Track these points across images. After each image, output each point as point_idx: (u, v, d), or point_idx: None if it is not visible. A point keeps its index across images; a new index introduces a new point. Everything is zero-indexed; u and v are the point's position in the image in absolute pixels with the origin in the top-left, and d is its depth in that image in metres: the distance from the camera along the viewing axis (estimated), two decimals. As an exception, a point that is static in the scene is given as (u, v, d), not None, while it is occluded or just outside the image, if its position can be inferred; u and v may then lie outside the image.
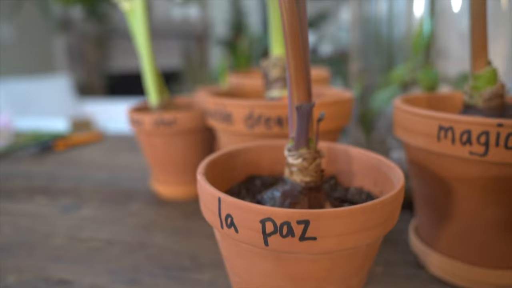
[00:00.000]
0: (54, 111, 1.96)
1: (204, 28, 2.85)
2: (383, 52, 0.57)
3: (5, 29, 2.15)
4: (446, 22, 0.49)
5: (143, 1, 0.43)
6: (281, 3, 0.20)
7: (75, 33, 2.43)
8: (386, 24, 0.54)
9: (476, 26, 0.26)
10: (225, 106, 0.32)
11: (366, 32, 0.57)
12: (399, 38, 0.54)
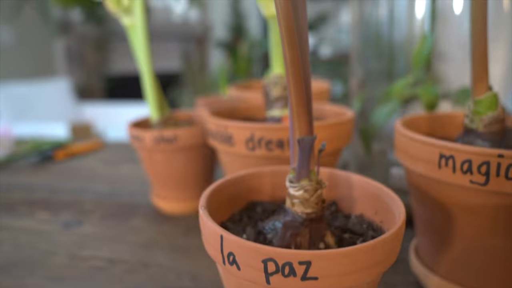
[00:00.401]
0: (53, 114, 1.96)
1: (204, 31, 2.85)
2: (384, 54, 0.57)
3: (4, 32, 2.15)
4: (447, 24, 0.49)
5: (144, 17, 0.43)
6: (284, 46, 0.20)
7: (74, 35, 2.43)
8: (387, 26, 0.54)
9: (477, 52, 0.27)
10: (226, 127, 0.32)
11: (366, 35, 0.57)
12: (400, 40, 0.54)
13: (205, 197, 0.22)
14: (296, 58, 0.20)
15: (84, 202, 0.50)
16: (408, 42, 0.55)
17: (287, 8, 0.20)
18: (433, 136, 0.35)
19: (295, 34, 0.20)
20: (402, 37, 0.54)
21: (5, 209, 0.48)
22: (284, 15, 0.20)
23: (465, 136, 0.29)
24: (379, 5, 0.54)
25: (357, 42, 0.58)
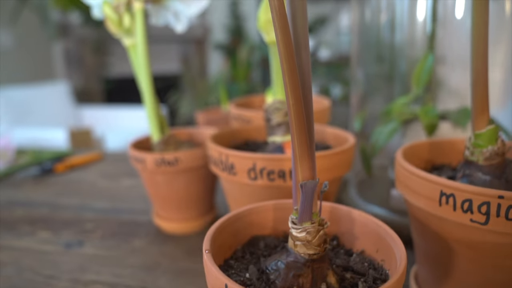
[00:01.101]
0: (53, 118, 1.96)
1: (203, 33, 2.85)
2: (384, 58, 0.57)
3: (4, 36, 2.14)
4: (448, 27, 0.49)
5: (144, 37, 0.43)
6: (287, 92, 0.20)
7: (73, 38, 2.42)
8: (388, 29, 0.54)
9: (477, 87, 0.27)
10: (227, 156, 0.32)
11: (367, 38, 0.57)
12: (402, 43, 0.55)
13: (208, 239, 0.23)
14: (299, 104, 0.20)
15: (84, 220, 0.50)
16: (410, 45, 0.55)
17: (289, 56, 0.20)
18: (434, 163, 0.35)
19: (298, 84, 0.20)
20: (403, 41, 0.55)
21: (6, 227, 0.48)
22: (287, 68, 0.20)
23: (465, 168, 0.29)
24: (380, 9, 0.54)
25: (357, 46, 0.58)
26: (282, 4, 0.20)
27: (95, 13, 0.46)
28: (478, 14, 0.25)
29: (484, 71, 0.26)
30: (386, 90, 0.60)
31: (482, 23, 0.25)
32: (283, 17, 0.19)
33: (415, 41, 0.54)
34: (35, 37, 2.29)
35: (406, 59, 0.56)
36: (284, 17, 0.19)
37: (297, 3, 0.20)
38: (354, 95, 0.58)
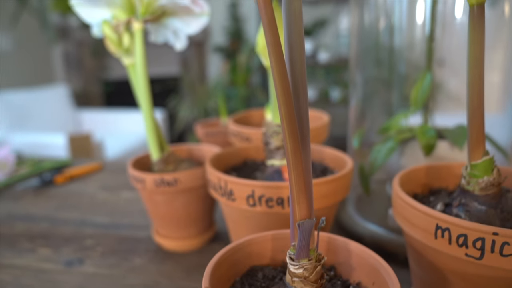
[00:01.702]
0: (52, 121, 1.96)
1: (202, 35, 2.84)
2: (383, 61, 0.57)
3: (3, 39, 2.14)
4: (447, 30, 0.49)
5: (143, 57, 0.43)
6: (285, 131, 0.20)
7: (72, 41, 2.42)
8: (387, 32, 0.54)
9: (473, 120, 0.27)
10: (226, 182, 0.33)
11: (366, 42, 0.57)
12: (401, 46, 0.55)
13: (208, 274, 0.23)
14: (297, 148, 0.21)
15: (84, 236, 0.50)
16: (409, 49, 0.56)
17: (287, 100, 0.20)
18: (431, 187, 0.36)
19: (297, 130, 0.20)
20: (403, 44, 0.55)
21: (7, 244, 0.49)
22: (283, 103, 0.20)
23: (462, 197, 0.29)
24: (379, 12, 0.54)
25: (356, 49, 0.58)
26: (278, 42, 0.20)
27: (95, 32, 0.46)
28: (473, 53, 0.25)
29: (480, 106, 0.26)
30: (384, 94, 0.60)
31: (477, 61, 0.26)
32: (280, 60, 0.20)
33: (414, 44, 0.54)
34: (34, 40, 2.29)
35: (405, 62, 0.57)
36: (282, 60, 0.20)
37: (294, 39, 0.21)
38: (353, 98, 0.58)
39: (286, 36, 0.21)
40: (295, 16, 0.20)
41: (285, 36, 0.21)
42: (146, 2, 0.41)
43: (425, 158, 0.44)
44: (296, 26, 0.20)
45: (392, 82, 0.59)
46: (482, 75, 0.26)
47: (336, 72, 2.61)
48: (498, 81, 0.53)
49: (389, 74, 0.57)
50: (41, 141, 1.54)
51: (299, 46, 0.21)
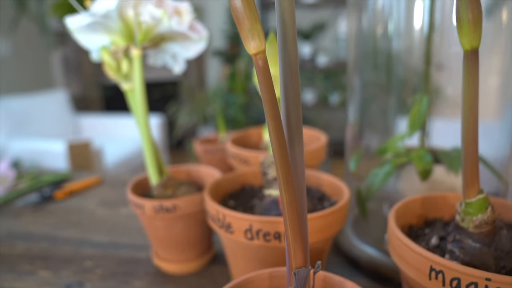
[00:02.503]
0: (52, 127, 1.96)
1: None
2: (381, 66, 0.57)
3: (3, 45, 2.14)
4: (445, 35, 0.49)
5: (142, 83, 0.43)
6: (281, 189, 0.21)
7: (71, 45, 2.42)
8: (385, 37, 0.54)
9: (467, 160, 0.27)
10: (224, 216, 0.33)
11: (364, 46, 0.57)
12: (398, 51, 0.55)
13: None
14: (292, 200, 0.21)
15: (84, 257, 0.50)
16: (407, 53, 0.56)
17: (282, 152, 0.21)
18: (427, 217, 0.36)
19: (293, 187, 0.21)
20: (400, 48, 0.55)
21: (7, 266, 0.49)
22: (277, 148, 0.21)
23: (456, 233, 0.30)
24: (377, 17, 0.54)
25: (354, 54, 0.57)
26: (274, 99, 0.20)
27: (94, 57, 0.46)
28: (468, 96, 0.26)
29: (474, 147, 0.27)
30: (383, 98, 0.60)
31: (471, 103, 0.26)
32: (276, 116, 0.20)
33: (412, 48, 0.54)
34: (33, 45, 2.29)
35: (403, 66, 0.57)
36: (277, 116, 0.20)
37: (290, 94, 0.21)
38: (351, 108, 0.58)
39: (282, 89, 0.21)
40: (291, 71, 0.21)
41: (282, 89, 0.21)
42: (144, 29, 0.41)
43: (422, 182, 0.44)
44: (293, 81, 0.21)
45: (390, 87, 0.59)
46: (476, 116, 0.27)
47: (335, 75, 2.62)
48: (496, 85, 0.53)
49: (387, 78, 0.57)
50: (40, 148, 1.55)
51: (295, 99, 0.21)
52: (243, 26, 0.19)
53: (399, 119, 0.62)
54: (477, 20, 0.24)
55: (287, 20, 0.20)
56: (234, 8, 0.19)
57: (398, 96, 0.60)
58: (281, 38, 0.20)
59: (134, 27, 0.42)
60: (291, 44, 0.20)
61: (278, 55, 0.21)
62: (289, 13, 0.20)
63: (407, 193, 0.46)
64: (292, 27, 0.20)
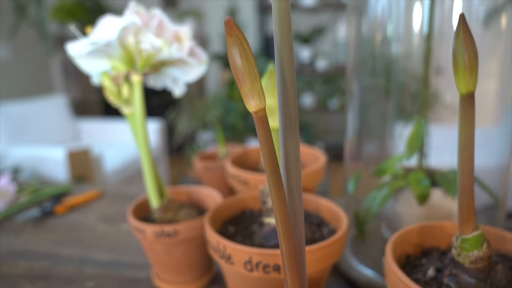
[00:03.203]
0: (51, 132, 1.97)
1: (200, 42, 2.85)
2: (380, 72, 0.57)
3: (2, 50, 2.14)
4: (444, 39, 0.50)
5: (143, 107, 0.44)
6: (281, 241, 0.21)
7: (71, 50, 2.42)
8: (384, 41, 0.54)
9: (463, 199, 0.28)
10: (225, 247, 0.33)
11: (363, 51, 0.56)
12: (397, 55, 0.55)
13: None
14: (292, 252, 0.21)
15: (85, 276, 0.51)
16: (406, 58, 0.56)
17: (283, 208, 0.21)
18: (424, 246, 0.36)
19: (291, 227, 0.21)
20: (399, 53, 0.55)
21: (8, 286, 0.49)
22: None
23: (452, 267, 0.30)
24: (376, 21, 0.54)
25: (353, 59, 0.57)
26: (274, 155, 0.21)
27: (94, 81, 0.47)
28: (464, 137, 0.26)
29: (470, 186, 0.27)
30: (382, 104, 0.60)
31: (467, 144, 0.26)
32: (275, 171, 0.21)
33: (411, 53, 0.54)
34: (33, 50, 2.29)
35: (402, 71, 0.57)
36: (277, 171, 0.21)
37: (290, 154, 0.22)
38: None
39: (282, 141, 0.22)
40: (290, 125, 0.21)
41: (281, 141, 0.22)
42: (145, 56, 0.42)
43: (420, 206, 0.45)
44: (292, 134, 0.21)
45: (390, 92, 0.59)
46: (472, 156, 0.27)
47: (334, 79, 2.62)
48: (494, 90, 0.53)
49: (386, 83, 0.58)
50: (40, 155, 1.55)
51: (294, 151, 0.22)
52: (243, 85, 0.19)
53: (398, 124, 0.62)
54: (473, 65, 0.25)
55: (287, 77, 0.20)
56: (235, 67, 0.19)
57: (397, 101, 0.60)
58: (281, 92, 0.21)
59: (135, 54, 0.42)
60: (291, 99, 0.20)
61: (278, 107, 0.21)
62: (289, 70, 0.20)
63: (405, 216, 0.47)
64: (292, 81, 0.21)
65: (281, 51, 0.20)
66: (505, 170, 0.49)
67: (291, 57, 0.21)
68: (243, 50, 0.19)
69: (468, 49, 0.25)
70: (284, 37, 0.20)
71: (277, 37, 0.21)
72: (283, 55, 0.20)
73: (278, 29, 0.20)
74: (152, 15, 0.44)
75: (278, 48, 0.20)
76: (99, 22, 0.43)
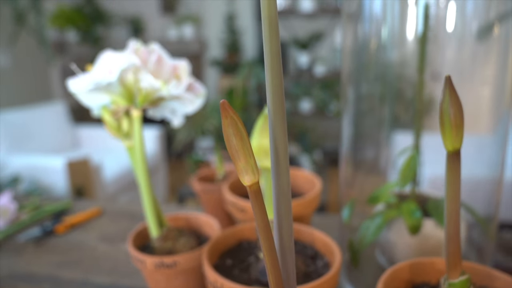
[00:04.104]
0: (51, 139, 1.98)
1: (199, 48, 2.86)
2: (375, 78, 0.58)
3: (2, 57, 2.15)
4: (439, 44, 0.50)
5: (142, 141, 0.45)
6: None
7: (70, 56, 2.43)
8: (380, 48, 0.55)
9: (450, 245, 0.29)
10: (222, 285, 0.35)
11: (358, 58, 0.57)
12: (393, 63, 0.56)
13: None
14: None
15: (86, 302, 0.52)
16: (401, 64, 0.56)
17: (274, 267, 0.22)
18: (414, 282, 0.38)
19: (282, 285, 0.22)
20: (394, 59, 0.56)
21: (10, 312, 0.50)
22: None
23: (441, 310, 0.31)
24: (371, 28, 0.55)
25: (348, 66, 0.57)
26: (267, 225, 0.22)
27: (95, 113, 0.48)
28: (450, 191, 0.27)
29: (456, 235, 0.29)
30: (377, 110, 0.60)
31: (454, 198, 0.28)
32: (269, 239, 0.22)
33: (406, 59, 0.55)
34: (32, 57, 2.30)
35: (397, 77, 0.58)
36: (271, 238, 0.22)
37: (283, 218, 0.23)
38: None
39: (275, 212, 0.23)
40: (284, 199, 0.22)
41: (275, 212, 0.23)
42: (144, 93, 0.43)
43: (412, 236, 0.46)
44: (285, 208, 0.22)
45: (385, 99, 0.59)
46: (458, 209, 0.28)
47: (332, 85, 2.64)
48: (488, 96, 0.53)
49: (382, 90, 0.58)
50: (40, 164, 1.56)
51: (287, 221, 0.23)
52: (238, 162, 0.20)
53: (394, 132, 0.63)
54: (459, 124, 0.26)
55: (280, 157, 0.21)
56: (230, 146, 0.20)
57: (393, 108, 0.61)
58: (275, 169, 0.22)
59: (134, 91, 0.43)
60: (284, 178, 0.22)
61: (272, 185, 0.22)
62: (282, 147, 0.21)
63: (398, 245, 0.48)
64: (284, 155, 0.22)
65: (274, 127, 0.21)
66: (497, 183, 0.50)
67: (284, 132, 0.22)
68: (238, 130, 0.20)
69: (454, 108, 0.26)
70: (277, 113, 0.21)
71: (270, 113, 0.22)
72: (276, 131, 0.21)
73: (271, 107, 0.21)
74: (150, 50, 0.45)
75: (272, 124, 0.21)
76: (99, 58, 0.45)
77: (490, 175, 0.51)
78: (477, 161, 0.54)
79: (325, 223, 0.71)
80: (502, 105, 0.50)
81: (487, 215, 0.51)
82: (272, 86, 0.21)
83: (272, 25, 0.20)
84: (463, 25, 0.50)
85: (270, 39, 0.20)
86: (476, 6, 0.48)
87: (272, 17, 0.20)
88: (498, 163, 0.49)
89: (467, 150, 0.59)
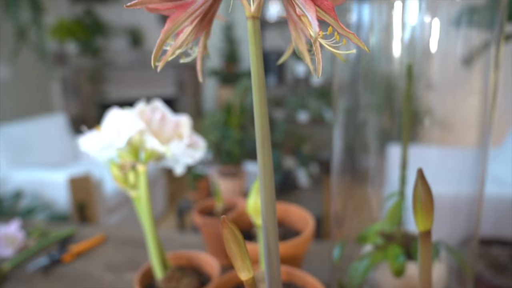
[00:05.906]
0: (52, 151, 2.01)
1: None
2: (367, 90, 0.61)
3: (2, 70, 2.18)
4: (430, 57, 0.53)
5: (147, 192, 0.49)
6: None
7: (70, 67, 2.46)
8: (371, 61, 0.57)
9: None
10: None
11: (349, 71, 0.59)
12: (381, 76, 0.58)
13: None
14: None
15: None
16: (389, 77, 0.59)
17: None
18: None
19: None
20: (383, 74, 0.58)
21: None
22: None
23: None
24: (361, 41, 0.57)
25: (339, 78, 0.60)
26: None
27: (102, 164, 0.51)
28: (423, 265, 0.31)
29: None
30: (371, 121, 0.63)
31: (427, 272, 0.31)
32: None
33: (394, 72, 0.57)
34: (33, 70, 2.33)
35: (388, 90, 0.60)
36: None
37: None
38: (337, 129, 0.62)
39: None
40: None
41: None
42: (149, 151, 0.47)
43: (396, 278, 0.50)
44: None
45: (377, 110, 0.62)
46: (430, 280, 0.32)
47: (329, 94, 2.67)
48: (477, 105, 0.54)
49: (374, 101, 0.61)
50: (41, 179, 1.59)
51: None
52: (236, 262, 0.24)
53: (387, 144, 0.65)
54: (429, 210, 0.30)
55: (272, 253, 0.25)
56: (230, 251, 0.24)
57: (382, 120, 0.64)
58: (268, 265, 0.25)
59: (140, 149, 0.47)
60: (275, 275, 0.25)
61: (265, 274, 0.26)
62: (273, 245, 0.25)
63: (383, 285, 0.52)
64: (276, 259, 0.25)
65: (267, 225, 0.25)
66: (477, 200, 0.53)
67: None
68: (236, 238, 0.24)
69: (425, 196, 0.30)
70: (269, 211, 0.25)
71: (263, 209, 0.25)
72: (269, 228, 0.25)
73: (264, 205, 0.25)
74: (154, 107, 0.49)
75: (265, 225, 0.25)
76: (106, 116, 0.48)
77: (472, 191, 0.53)
78: (462, 176, 0.56)
79: (317, 250, 0.74)
80: (488, 118, 0.52)
81: (470, 231, 0.54)
82: (264, 168, 0.25)
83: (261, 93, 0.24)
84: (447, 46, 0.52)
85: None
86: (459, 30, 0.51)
87: (261, 86, 0.24)
88: (479, 181, 0.52)
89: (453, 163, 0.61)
